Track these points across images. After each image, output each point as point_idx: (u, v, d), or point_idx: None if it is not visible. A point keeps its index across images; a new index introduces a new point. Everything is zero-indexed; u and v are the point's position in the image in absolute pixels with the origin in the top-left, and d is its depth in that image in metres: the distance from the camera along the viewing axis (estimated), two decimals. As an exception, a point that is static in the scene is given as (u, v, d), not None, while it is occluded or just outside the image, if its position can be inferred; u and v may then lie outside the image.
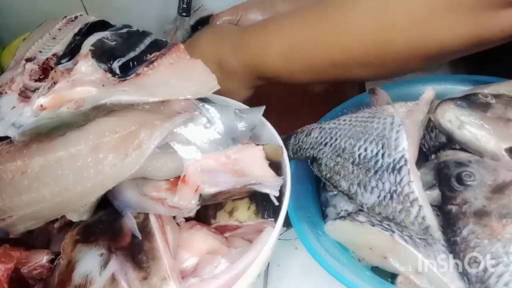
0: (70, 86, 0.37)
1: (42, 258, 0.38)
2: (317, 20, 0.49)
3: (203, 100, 0.39)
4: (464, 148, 0.38)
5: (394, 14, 0.42)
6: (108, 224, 0.38)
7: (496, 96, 0.39)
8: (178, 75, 0.39)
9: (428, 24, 0.41)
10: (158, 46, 0.41)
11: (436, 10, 0.40)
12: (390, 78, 0.55)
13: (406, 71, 0.51)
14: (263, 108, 0.42)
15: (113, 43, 0.42)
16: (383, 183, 0.37)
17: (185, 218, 0.40)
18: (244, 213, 0.39)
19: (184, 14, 0.74)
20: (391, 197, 0.36)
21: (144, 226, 0.36)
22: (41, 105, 0.37)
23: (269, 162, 0.39)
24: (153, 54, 0.40)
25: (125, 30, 0.44)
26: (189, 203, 0.36)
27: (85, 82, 0.37)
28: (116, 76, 0.39)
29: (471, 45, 0.41)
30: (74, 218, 0.38)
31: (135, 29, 0.45)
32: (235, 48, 0.53)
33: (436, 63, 0.50)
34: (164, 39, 0.43)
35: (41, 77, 0.44)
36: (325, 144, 0.44)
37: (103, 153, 0.35)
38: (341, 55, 0.47)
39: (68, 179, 0.34)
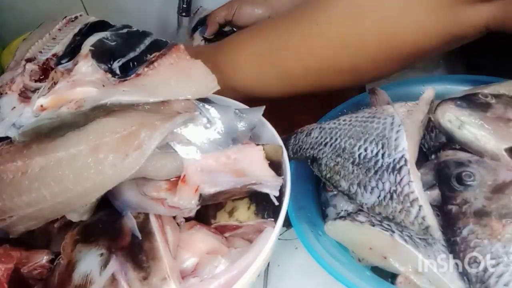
0: (70, 87, 0.37)
1: (42, 258, 0.38)
2: (287, 25, 0.48)
3: (203, 100, 0.39)
4: (464, 148, 0.38)
5: (367, 15, 0.42)
6: (108, 224, 0.38)
7: (496, 96, 0.39)
8: (178, 75, 0.39)
9: (400, 23, 0.41)
10: (158, 46, 0.41)
11: (406, 7, 0.40)
12: (367, 83, 0.55)
13: (380, 75, 0.50)
14: (263, 108, 0.43)
15: (113, 43, 0.42)
16: (383, 183, 0.37)
17: (185, 218, 0.40)
18: (244, 213, 0.39)
19: (184, 14, 0.74)
20: (391, 197, 0.36)
21: (144, 226, 0.36)
22: (41, 106, 0.37)
23: (269, 162, 0.39)
24: (153, 55, 0.40)
25: (125, 31, 0.44)
26: (189, 203, 0.37)
27: (85, 82, 0.37)
28: (116, 77, 0.39)
29: (443, 42, 0.42)
30: (74, 218, 0.38)
31: (135, 29, 0.45)
32: (215, 58, 0.52)
33: (409, 64, 0.49)
34: (164, 39, 0.43)
35: (41, 77, 0.44)
36: (325, 144, 0.44)
37: (103, 153, 0.35)
38: (314, 61, 0.47)
39: (68, 179, 0.34)
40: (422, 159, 0.41)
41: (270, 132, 0.45)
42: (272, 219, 0.38)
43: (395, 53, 0.44)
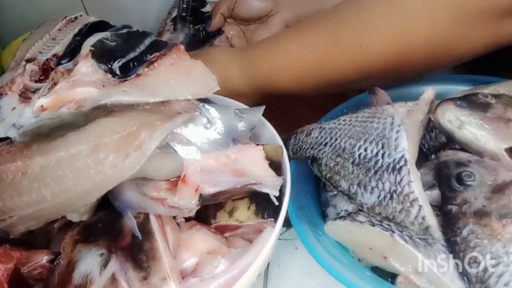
0: (70, 87, 0.37)
1: (42, 258, 0.38)
2: (327, 43, 0.47)
3: (203, 100, 0.39)
4: (464, 148, 0.38)
5: (411, 33, 0.42)
6: (108, 224, 0.38)
7: (496, 96, 0.39)
8: (178, 75, 0.39)
9: (445, 40, 0.41)
10: (158, 47, 0.41)
11: (453, 23, 0.40)
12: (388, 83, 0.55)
13: (418, 78, 0.51)
14: (263, 107, 0.43)
15: (113, 43, 0.42)
16: (383, 183, 0.37)
17: (185, 218, 0.40)
18: (244, 213, 0.39)
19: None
20: (391, 197, 0.36)
21: (144, 226, 0.36)
22: (42, 106, 0.37)
23: (269, 162, 0.39)
24: (153, 55, 0.40)
25: (125, 31, 0.44)
26: (189, 203, 0.37)
27: (85, 82, 0.37)
28: (116, 77, 0.39)
29: (485, 51, 0.42)
30: (75, 218, 0.38)
31: (135, 29, 0.45)
32: (244, 72, 0.53)
33: (447, 69, 0.51)
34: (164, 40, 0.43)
35: (41, 78, 0.44)
36: (325, 144, 0.44)
37: (103, 153, 0.35)
38: (356, 74, 0.47)
39: (68, 179, 0.34)
40: (422, 159, 0.41)
41: (270, 132, 0.45)
42: (272, 219, 0.38)
43: (437, 64, 0.45)
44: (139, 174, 0.36)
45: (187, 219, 0.40)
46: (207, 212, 0.40)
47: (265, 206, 0.39)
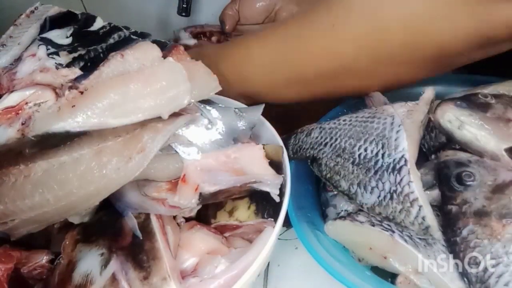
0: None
1: (42, 258, 0.38)
2: (300, 27, 0.45)
3: (204, 101, 0.39)
4: (464, 148, 0.38)
5: (388, 14, 0.39)
6: (109, 224, 0.38)
7: (496, 96, 0.39)
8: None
9: (424, 22, 0.38)
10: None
11: (432, 5, 0.37)
12: (385, 90, 0.50)
13: (401, 82, 0.46)
14: (262, 106, 0.42)
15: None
16: (383, 183, 0.37)
17: (185, 218, 0.40)
18: (244, 213, 0.39)
19: (184, 14, 0.74)
20: (391, 197, 0.36)
21: (145, 226, 0.36)
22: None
23: (269, 161, 0.39)
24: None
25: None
26: (189, 202, 0.36)
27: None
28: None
29: (474, 45, 0.38)
30: (76, 220, 0.38)
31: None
32: (218, 62, 0.50)
33: (434, 72, 0.45)
34: (164, 40, 0.43)
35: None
36: (325, 144, 0.44)
37: (107, 157, 0.34)
38: (329, 63, 0.44)
39: (72, 183, 0.34)
40: (422, 159, 0.41)
41: (270, 132, 0.45)
42: (272, 219, 0.38)
43: (419, 55, 0.40)
44: (141, 176, 0.36)
45: (187, 219, 0.40)
46: (207, 212, 0.40)
47: (265, 205, 0.39)
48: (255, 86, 0.49)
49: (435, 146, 0.42)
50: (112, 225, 0.37)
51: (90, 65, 0.38)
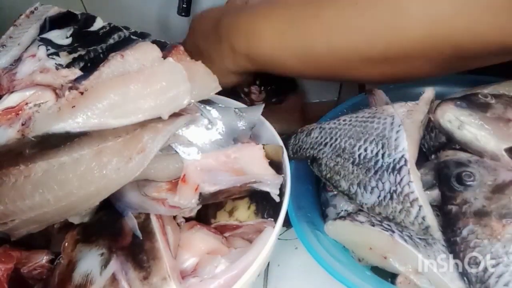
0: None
1: (42, 258, 0.38)
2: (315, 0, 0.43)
3: (204, 101, 0.39)
4: (464, 148, 0.38)
5: (413, 8, 0.38)
6: (109, 224, 0.38)
7: (496, 96, 0.39)
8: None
9: (447, 23, 0.37)
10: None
11: (459, 8, 0.36)
12: (395, 81, 0.50)
13: (414, 75, 0.45)
14: (262, 106, 0.42)
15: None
16: (383, 183, 0.37)
17: (185, 218, 0.40)
18: (244, 213, 0.39)
19: (184, 14, 0.74)
20: (391, 197, 0.36)
21: (145, 226, 0.36)
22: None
23: (269, 161, 0.39)
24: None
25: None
26: (189, 202, 0.37)
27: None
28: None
29: (493, 52, 0.37)
30: (76, 221, 0.38)
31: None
32: (228, 32, 0.49)
33: (450, 70, 0.43)
34: (164, 40, 0.43)
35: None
36: (325, 144, 0.44)
37: (107, 157, 0.34)
38: (344, 41, 0.42)
39: (72, 183, 0.34)
40: (422, 159, 0.41)
41: (270, 132, 0.45)
42: (272, 219, 0.38)
43: (435, 53, 0.39)
44: (141, 176, 0.36)
45: (187, 219, 0.40)
46: (207, 212, 0.40)
47: (265, 205, 0.39)
48: (265, 58, 0.47)
49: (435, 146, 0.42)
50: (112, 225, 0.37)
51: (90, 66, 0.39)
